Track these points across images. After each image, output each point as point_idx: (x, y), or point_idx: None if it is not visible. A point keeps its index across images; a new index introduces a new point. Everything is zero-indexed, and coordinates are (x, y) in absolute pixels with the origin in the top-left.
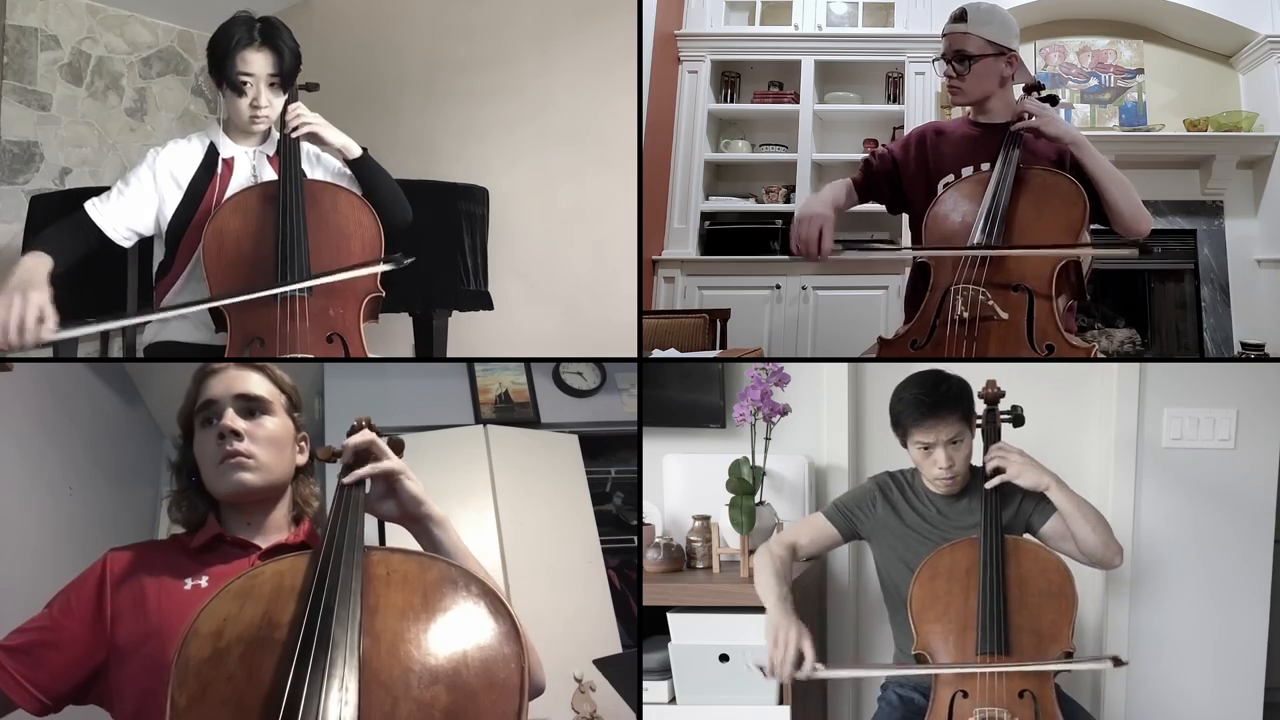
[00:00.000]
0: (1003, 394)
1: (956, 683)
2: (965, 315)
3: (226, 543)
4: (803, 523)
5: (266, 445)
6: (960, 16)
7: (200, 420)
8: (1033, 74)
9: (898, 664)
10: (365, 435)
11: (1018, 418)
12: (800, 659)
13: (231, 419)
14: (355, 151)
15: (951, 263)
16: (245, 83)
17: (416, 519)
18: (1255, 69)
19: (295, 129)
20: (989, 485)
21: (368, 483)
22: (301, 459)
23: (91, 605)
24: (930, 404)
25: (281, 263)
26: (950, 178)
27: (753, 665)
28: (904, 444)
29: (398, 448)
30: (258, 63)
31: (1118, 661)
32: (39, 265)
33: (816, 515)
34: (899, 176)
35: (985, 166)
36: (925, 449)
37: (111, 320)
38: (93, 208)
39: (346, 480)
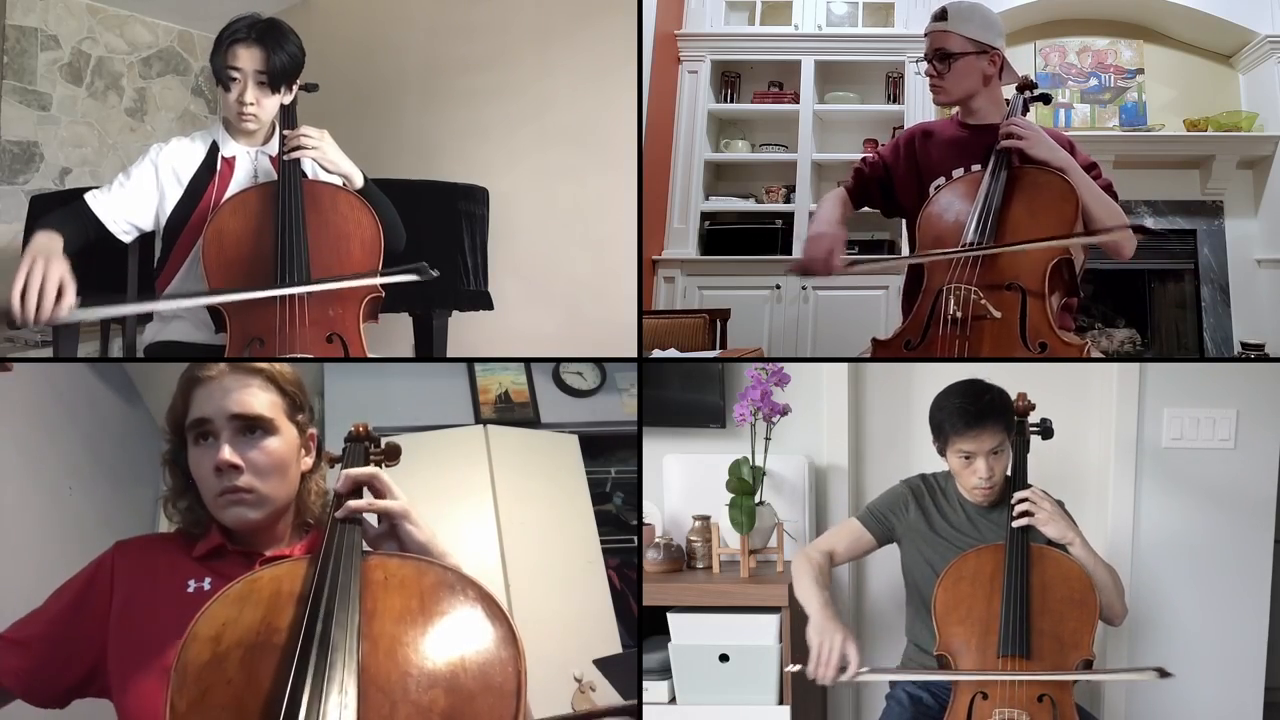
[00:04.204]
0: (1033, 406)
1: (977, 684)
2: (958, 315)
3: (229, 550)
4: (838, 529)
5: (268, 474)
6: (941, 15)
7: (193, 437)
8: (1032, 74)
9: (931, 669)
10: (367, 472)
11: (1046, 430)
12: (844, 664)
13: (229, 454)
14: (358, 181)
15: (944, 262)
16: (233, 78)
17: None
18: (1255, 69)
19: (295, 149)
20: (1016, 524)
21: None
22: (308, 461)
23: (93, 600)
24: (975, 414)
25: (281, 263)
26: (941, 180)
27: (793, 667)
28: (942, 453)
29: (395, 453)
30: (245, 58)
31: (1163, 673)
32: (53, 241)
33: (851, 521)
34: (891, 181)
35: (975, 167)
36: (967, 459)
37: (122, 305)
38: (93, 199)
39: (340, 515)
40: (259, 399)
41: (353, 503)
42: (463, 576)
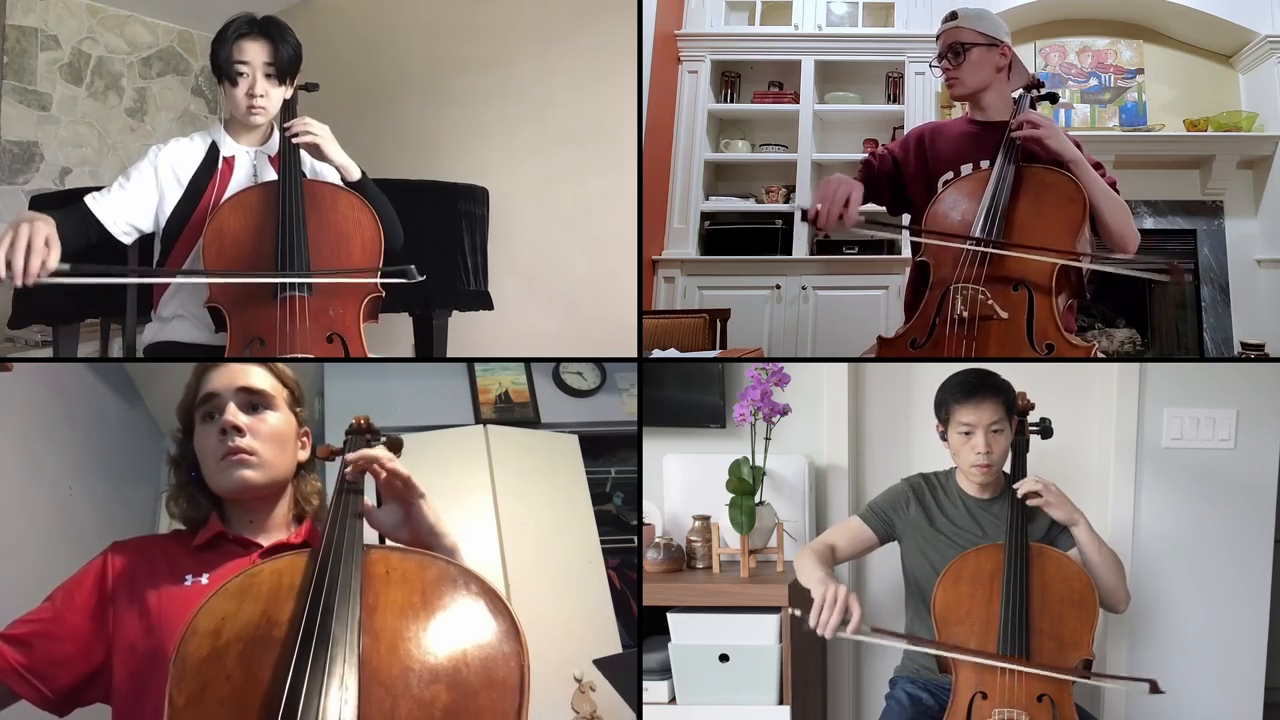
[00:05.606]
0: (1033, 406)
1: (976, 683)
2: (965, 314)
3: (228, 540)
4: (839, 526)
5: (269, 441)
6: (951, 16)
7: (201, 414)
8: (1033, 74)
9: (930, 665)
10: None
11: (1046, 429)
12: (847, 616)
13: (233, 414)
14: (355, 174)
15: (951, 261)
16: (241, 72)
17: (427, 546)
18: (1255, 69)
19: (296, 134)
20: (1021, 493)
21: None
22: (303, 455)
23: (92, 599)
24: (976, 385)
25: (281, 262)
26: (949, 175)
27: (794, 610)
28: (944, 435)
29: (397, 446)
30: (253, 51)
31: (1155, 688)
32: (40, 214)
33: (853, 519)
34: (900, 176)
35: (984, 164)
36: (967, 433)
37: (116, 276)
38: (93, 201)
39: (348, 473)
40: (263, 378)
41: (365, 451)
42: (465, 571)
